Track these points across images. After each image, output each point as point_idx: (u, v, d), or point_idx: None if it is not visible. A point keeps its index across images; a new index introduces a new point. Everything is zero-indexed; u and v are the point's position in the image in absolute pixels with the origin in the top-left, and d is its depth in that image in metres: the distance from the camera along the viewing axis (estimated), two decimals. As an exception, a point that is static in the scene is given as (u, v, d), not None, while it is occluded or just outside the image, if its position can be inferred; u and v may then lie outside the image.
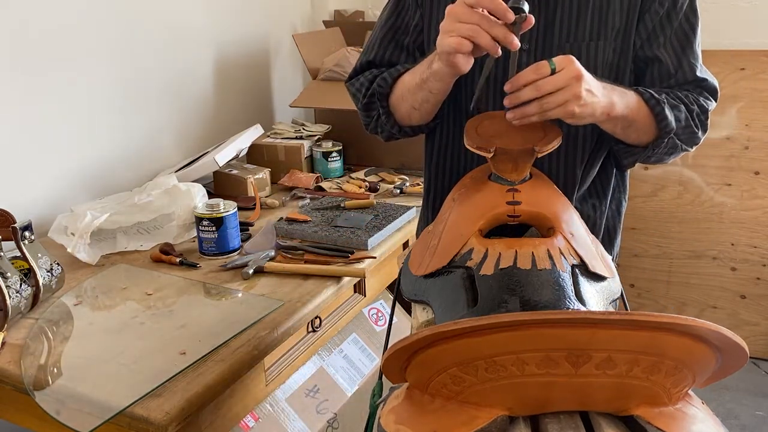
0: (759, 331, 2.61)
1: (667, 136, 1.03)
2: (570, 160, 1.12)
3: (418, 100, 1.08)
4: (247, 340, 1.21)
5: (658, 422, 0.65)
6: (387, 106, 1.15)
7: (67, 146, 1.79)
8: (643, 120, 1.02)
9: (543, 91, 0.89)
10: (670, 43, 1.08)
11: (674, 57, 1.08)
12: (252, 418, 1.45)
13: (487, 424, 0.65)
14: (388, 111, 1.15)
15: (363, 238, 1.60)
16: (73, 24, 1.76)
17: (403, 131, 1.18)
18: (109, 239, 1.65)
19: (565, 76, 0.89)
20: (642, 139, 1.05)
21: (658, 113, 1.01)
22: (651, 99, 1.01)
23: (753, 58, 2.47)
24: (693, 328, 0.61)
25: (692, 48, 1.09)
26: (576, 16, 1.06)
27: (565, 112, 0.91)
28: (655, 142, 1.04)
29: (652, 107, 1.01)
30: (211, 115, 2.28)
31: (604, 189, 1.18)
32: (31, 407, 1.08)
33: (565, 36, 1.06)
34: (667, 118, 1.01)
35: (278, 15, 2.57)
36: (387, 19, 1.19)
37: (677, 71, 1.09)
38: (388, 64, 1.19)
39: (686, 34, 1.08)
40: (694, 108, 1.07)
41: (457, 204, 0.97)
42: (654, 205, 2.67)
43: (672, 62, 1.08)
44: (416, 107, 1.09)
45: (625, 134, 1.04)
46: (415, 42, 1.17)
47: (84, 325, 1.29)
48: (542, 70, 0.89)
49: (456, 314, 0.81)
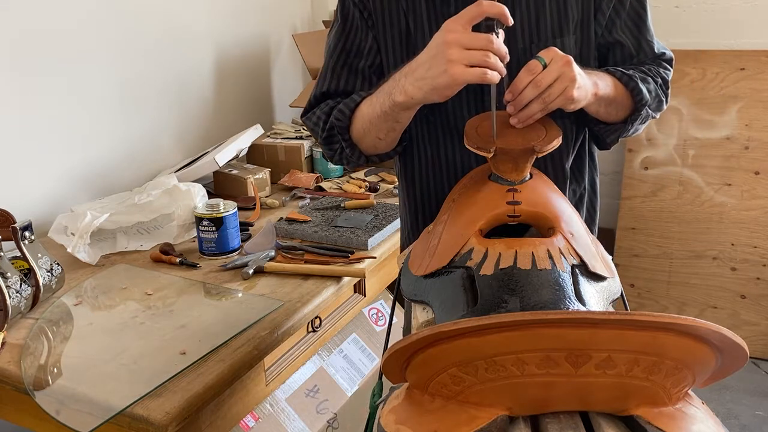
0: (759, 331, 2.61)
1: (642, 108, 1.07)
2: (557, 157, 1.12)
3: (383, 131, 1.04)
4: (247, 340, 1.21)
5: (658, 422, 0.65)
6: (349, 139, 1.10)
7: (67, 146, 1.79)
8: (620, 97, 1.05)
9: (543, 86, 0.90)
10: (626, 26, 1.11)
11: (633, 38, 1.11)
12: (252, 418, 1.45)
13: (487, 424, 0.65)
14: (351, 143, 1.10)
15: (363, 238, 1.60)
16: (73, 25, 1.76)
17: (370, 159, 1.15)
18: (109, 239, 1.65)
19: (557, 65, 0.90)
20: (620, 115, 1.09)
21: (632, 88, 1.05)
22: (623, 76, 1.05)
23: (753, 58, 2.47)
24: (693, 328, 0.61)
25: (647, 26, 1.12)
26: (535, 16, 1.06)
27: (566, 98, 0.92)
28: (632, 116, 1.08)
29: (625, 83, 1.05)
30: (211, 115, 2.28)
31: (581, 172, 1.19)
32: (31, 407, 1.08)
33: (528, 38, 1.07)
34: (642, 92, 1.05)
35: (278, 15, 2.57)
36: (335, 45, 1.14)
37: (638, 52, 1.12)
38: (343, 92, 1.13)
39: (638, 13, 1.11)
40: (658, 80, 1.11)
41: (457, 204, 0.97)
42: (654, 205, 2.67)
43: (632, 44, 1.11)
44: (381, 137, 1.06)
45: (606, 113, 1.07)
46: (371, 66, 1.13)
47: (84, 325, 1.29)
48: (535, 68, 0.90)
49: (456, 314, 0.81)
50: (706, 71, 2.52)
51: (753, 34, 2.49)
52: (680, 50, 2.42)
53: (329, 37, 1.16)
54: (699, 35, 2.55)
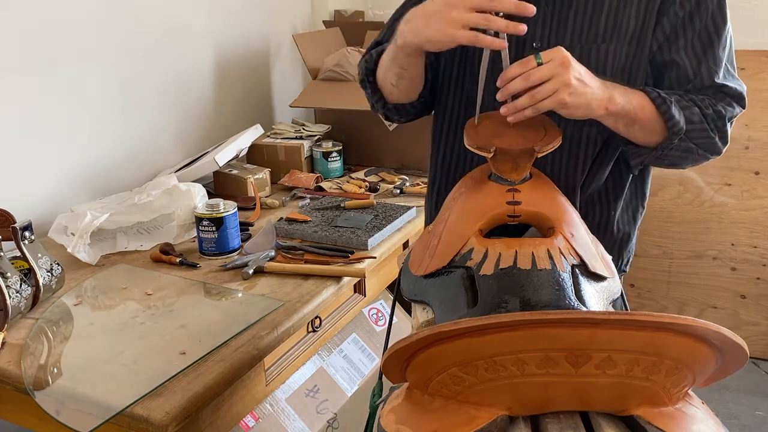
0: (759, 331, 2.61)
1: (676, 136, 1.01)
2: (572, 163, 1.10)
3: (394, 76, 1.09)
4: (247, 340, 1.21)
5: (658, 422, 0.65)
6: (374, 81, 1.16)
7: (67, 146, 1.79)
8: (648, 118, 1.00)
9: (531, 81, 0.89)
10: (690, 46, 1.04)
11: (694, 60, 1.04)
12: (252, 418, 1.45)
13: (487, 424, 0.65)
14: (375, 87, 1.16)
15: (363, 238, 1.60)
16: (73, 24, 1.76)
17: (393, 109, 1.20)
18: (109, 239, 1.65)
19: (552, 65, 0.89)
20: (650, 139, 1.03)
21: (664, 111, 0.99)
22: (657, 98, 1.00)
23: (753, 58, 2.47)
24: (693, 328, 0.61)
25: (714, 51, 1.05)
26: (590, 16, 1.04)
27: (557, 101, 0.90)
28: (663, 143, 1.02)
29: (657, 105, 0.99)
30: (211, 115, 2.28)
31: (616, 193, 1.16)
32: (31, 407, 1.08)
33: (577, 36, 1.04)
34: (675, 117, 0.99)
35: (278, 15, 2.57)
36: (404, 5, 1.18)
37: (696, 76, 1.05)
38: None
39: (710, 36, 1.04)
40: (709, 112, 1.03)
41: (457, 204, 0.97)
42: (654, 205, 2.67)
43: (691, 66, 1.05)
44: (393, 83, 1.11)
45: (629, 132, 1.02)
46: None
47: (84, 325, 1.29)
48: (528, 63, 0.90)
49: (456, 314, 0.81)
50: (706, 71, 2.52)
51: (753, 34, 2.49)
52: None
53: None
54: (699, 35, 2.55)
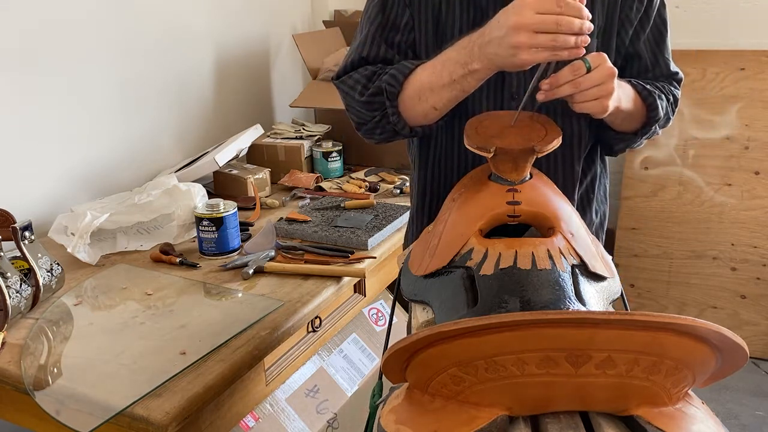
0: (759, 331, 2.61)
1: (655, 123, 1.11)
2: (568, 159, 1.13)
3: (443, 99, 1.04)
4: (247, 340, 1.21)
5: (658, 422, 0.65)
6: (398, 105, 1.09)
7: (67, 146, 1.79)
8: (638, 110, 1.08)
9: (581, 89, 0.92)
10: (648, 40, 1.14)
11: (651, 53, 1.15)
12: (252, 418, 1.45)
13: (487, 424, 0.65)
14: (397, 110, 1.09)
15: (363, 238, 1.60)
16: (73, 24, 1.76)
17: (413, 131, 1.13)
18: (109, 239, 1.65)
19: (601, 74, 0.91)
20: (633, 126, 1.12)
21: (650, 104, 1.08)
22: (644, 90, 1.08)
23: (753, 58, 2.47)
24: (693, 328, 0.61)
25: (666, 43, 1.16)
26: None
27: (601, 107, 0.94)
28: (643, 129, 1.12)
29: (644, 98, 1.08)
30: (211, 115, 2.28)
31: (593, 179, 1.21)
32: (31, 407, 1.08)
33: None
34: (658, 108, 1.09)
35: (278, 15, 2.57)
36: (376, 15, 1.14)
37: (654, 67, 1.16)
38: (382, 61, 1.14)
39: (660, 29, 1.14)
40: (670, 97, 1.15)
41: (457, 204, 0.97)
42: (654, 205, 2.67)
43: (650, 58, 1.15)
44: (438, 107, 1.06)
45: (620, 123, 1.10)
46: (407, 42, 1.14)
47: (84, 325, 1.29)
48: (579, 69, 0.91)
49: (456, 314, 0.81)
50: (706, 71, 2.52)
51: (753, 34, 2.49)
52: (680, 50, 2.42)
53: (368, 5, 1.16)
54: (699, 35, 2.55)
